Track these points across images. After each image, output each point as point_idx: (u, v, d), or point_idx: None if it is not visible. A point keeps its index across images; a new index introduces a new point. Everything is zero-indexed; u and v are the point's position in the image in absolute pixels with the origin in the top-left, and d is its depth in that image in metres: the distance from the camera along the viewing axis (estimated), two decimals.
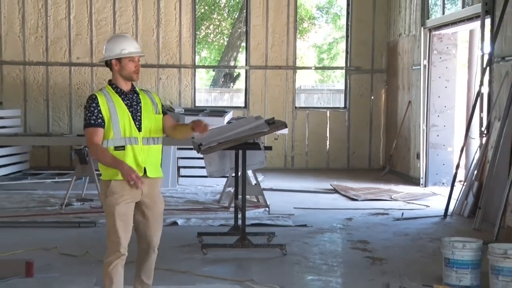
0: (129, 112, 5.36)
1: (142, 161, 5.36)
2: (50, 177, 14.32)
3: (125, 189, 5.30)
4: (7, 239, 8.81)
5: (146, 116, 5.43)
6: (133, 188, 5.21)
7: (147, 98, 5.52)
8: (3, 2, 16.17)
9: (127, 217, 5.37)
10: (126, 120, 5.33)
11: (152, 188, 5.46)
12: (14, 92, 16.33)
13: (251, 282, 6.91)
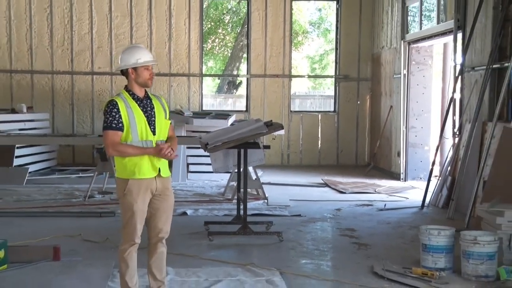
0: (145, 117, 5.34)
1: (157, 162, 5.34)
2: (74, 172, 14.40)
3: (141, 188, 5.31)
4: (37, 227, 8.88)
5: (159, 121, 5.41)
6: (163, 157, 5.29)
7: (158, 103, 5.48)
8: (33, 18, 16.19)
9: (143, 212, 5.37)
10: (143, 125, 5.31)
11: (164, 185, 5.45)
12: (43, 98, 16.34)
13: (252, 265, 6.94)
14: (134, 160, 5.27)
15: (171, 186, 5.58)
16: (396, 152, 14.56)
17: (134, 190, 5.29)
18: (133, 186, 5.29)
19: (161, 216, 5.46)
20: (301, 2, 18.45)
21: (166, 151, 5.23)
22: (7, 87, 16.30)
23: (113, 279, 6.40)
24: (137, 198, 5.30)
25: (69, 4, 16.26)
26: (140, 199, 5.32)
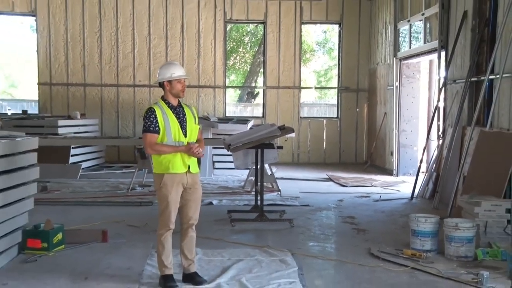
0: (178, 122, 5.42)
1: (187, 160, 5.42)
2: (119, 169, 14.46)
3: (175, 181, 5.38)
4: (88, 214, 8.96)
5: (190, 125, 5.49)
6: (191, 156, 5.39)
7: (189, 111, 5.57)
8: (86, 40, 16.28)
9: (176, 202, 5.44)
10: (176, 129, 5.40)
11: (194, 180, 5.51)
12: (94, 106, 16.43)
13: (267, 247, 6.96)
14: (168, 158, 5.35)
15: (199, 180, 5.63)
16: (390, 151, 14.53)
17: (169, 184, 5.37)
18: (168, 180, 5.37)
19: (191, 206, 5.53)
20: (309, 26, 18.45)
21: (195, 149, 5.35)
22: (64, 97, 16.42)
23: (151, 258, 6.43)
24: (171, 190, 5.37)
25: (115, 29, 16.36)
26: (174, 191, 5.39)
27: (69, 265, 6.08)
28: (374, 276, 5.96)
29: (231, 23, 17.44)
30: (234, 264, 6.13)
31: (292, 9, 16.68)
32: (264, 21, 16.77)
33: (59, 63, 16.37)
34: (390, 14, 14.76)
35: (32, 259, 6.28)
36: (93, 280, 5.59)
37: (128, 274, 5.79)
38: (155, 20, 16.42)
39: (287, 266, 6.19)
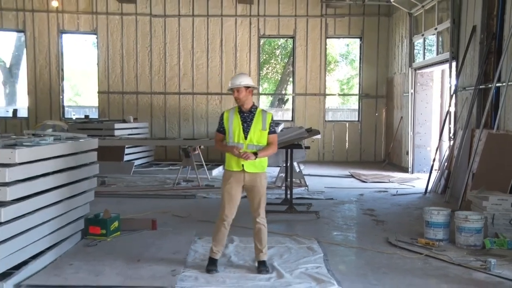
0: (242, 126, 5.41)
1: (242, 160, 5.36)
2: (166, 166, 14.56)
3: (230, 177, 5.47)
4: (140, 205, 9.06)
5: (253, 130, 5.41)
6: (239, 161, 5.35)
7: (260, 117, 5.45)
8: (138, 54, 16.49)
9: (230, 195, 5.46)
10: (237, 131, 5.40)
11: (252, 178, 5.45)
12: (145, 111, 16.62)
13: (296, 236, 6.97)
14: (228, 156, 5.46)
15: (261, 181, 5.49)
16: (405, 151, 14.38)
17: (225, 178, 5.51)
18: (226, 175, 5.51)
19: (253, 202, 5.55)
20: (333, 39, 18.37)
21: (235, 151, 5.31)
22: (119, 104, 16.66)
23: (194, 244, 6.49)
24: (226, 184, 5.46)
25: (163, 44, 16.53)
26: (228, 186, 5.44)
27: (124, 249, 6.16)
28: (391, 262, 5.92)
29: (264, 38, 17.45)
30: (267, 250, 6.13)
31: (318, 25, 16.62)
32: (293, 36, 16.75)
33: (115, 74, 16.62)
34: (406, 29, 14.61)
35: (93, 244, 6.38)
36: (144, 262, 5.65)
37: (175, 258, 5.83)
38: (197, 36, 16.54)
39: (314, 253, 6.18)
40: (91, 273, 5.28)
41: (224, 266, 5.63)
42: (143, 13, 16.46)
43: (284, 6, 16.57)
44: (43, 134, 6.81)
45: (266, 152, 5.46)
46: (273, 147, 5.54)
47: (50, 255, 5.65)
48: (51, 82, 16.57)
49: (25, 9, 16.31)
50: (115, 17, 16.47)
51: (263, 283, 5.14)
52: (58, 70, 16.58)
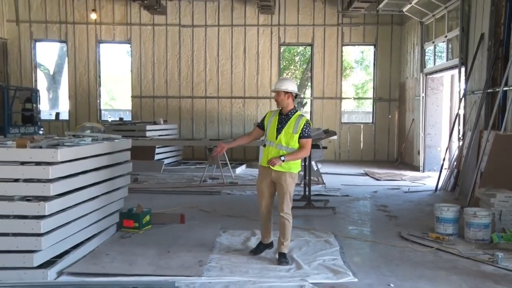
0: (277, 126, 5.46)
1: (269, 157, 5.43)
2: (193, 164, 14.65)
3: (261, 172, 5.60)
4: (169, 200, 9.10)
5: (285, 132, 5.43)
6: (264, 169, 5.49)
7: (293, 120, 5.45)
8: (168, 62, 16.60)
9: (259, 188, 5.62)
10: (272, 130, 5.47)
11: (277, 176, 5.47)
12: (174, 114, 16.72)
13: (314, 230, 6.96)
14: (261, 152, 5.66)
15: (286, 179, 5.47)
16: (417, 151, 14.23)
17: (259, 172, 5.65)
18: (259, 170, 5.66)
19: (278, 197, 5.57)
20: (348, 47, 18.25)
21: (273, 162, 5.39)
22: (151, 107, 16.80)
23: (219, 237, 6.50)
24: (258, 178, 5.63)
25: (191, 52, 16.62)
26: (259, 179, 5.60)
27: (155, 241, 6.20)
28: (403, 255, 5.87)
29: (284, 45, 17.43)
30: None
31: (334, 34, 16.54)
32: (311, 43, 16.69)
33: (147, 80, 16.77)
34: (417, 37, 14.46)
35: (127, 236, 6.45)
36: (173, 253, 5.69)
37: (201, 249, 5.86)
38: (222, 44, 16.59)
39: (331, 246, 6.16)
40: (125, 262, 5.33)
41: (247, 257, 5.64)
42: (173, 23, 16.57)
43: (303, 16, 16.53)
44: (82, 135, 6.89)
45: (293, 156, 5.40)
46: (304, 151, 5.48)
47: (89, 246, 5.73)
48: (90, 87, 16.78)
49: (67, 22, 16.56)
50: (147, 27, 16.61)
51: (283, 273, 5.14)
52: (96, 76, 16.79)
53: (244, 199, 9.50)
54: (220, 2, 16.46)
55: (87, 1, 16.43)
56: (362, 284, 4.86)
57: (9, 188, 4.80)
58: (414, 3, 12.84)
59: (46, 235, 4.82)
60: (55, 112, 18.63)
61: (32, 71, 16.82)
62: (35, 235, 4.75)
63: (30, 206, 4.77)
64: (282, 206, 5.52)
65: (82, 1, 16.47)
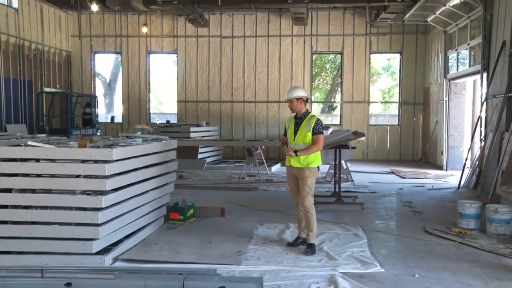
0: (294, 129, 5.58)
1: (290, 157, 5.58)
2: (233, 163, 14.72)
3: (288, 171, 5.70)
4: (211, 196, 9.16)
5: (300, 132, 5.55)
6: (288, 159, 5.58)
7: (306, 121, 5.56)
8: (210, 69, 16.75)
9: (289, 183, 5.79)
10: (291, 133, 5.60)
11: (298, 171, 5.58)
12: (215, 117, 16.84)
13: (343, 224, 6.90)
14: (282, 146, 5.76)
15: (305, 174, 5.54)
16: (440, 151, 13.91)
17: (286, 171, 5.75)
18: (286, 169, 5.73)
19: (300, 191, 5.62)
20: (376, 55, 17.96)
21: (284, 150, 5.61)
22: (194, 111, 16.98)
23: (256, 229, 6.52)
24: (287, 176, 5.76)
25: (231, 61, 16.72)
26: (287, 177, 5.75)
27: (198, 232, 6.26)
28: (428, 248, 5.75)
29: (316, 54, 17.31)
30: (318, 236, 6.07)
31: (363, 43, 16.33)
32: (341, 52, 16.53)
33: (191, 86, 16.96)
34: (441, 45, 14.15)
35: (173, 227, 6.53)
36: (215, 243, 5.74)
37: (240, 240, 5.89)
38: (259, 53, 16.61)
39: (359, 238, 6.10)
40: (172, 251, 5.41)
41: (282, 248, 5.63)
42: (215, 35, 16.70)
43: (333, 26, 16.39)
44: (134, 136, 7.02)
45: (306, 151, 5.51)
46: (315, 146, 5.53)
47: (140, 235, 5.83)
48: (140, 93, 17.10)
49: (121, 35, 16.93)
50: (192, 39, 16.80)
51: (315, 263, 5.11)
52: (146, 83, 17.09)
53: (279, 195, 9.50)
54: (257, 15, 16.50)
55: (139, 17, 16.75)
56: (388, 274, 4.79)
57: (72, 183, 4.94)
58: (438, 14, 12.57)
59: (103, 225, 4.94)
60: (110, 116, 19.08)
61: (91, 79, 17.27)
62: (93, 225, 4.88)
63: (89, 199, 4.90)
64: (303, 199, 5.57)
65: (135, 17, 16.80)
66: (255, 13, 16.37)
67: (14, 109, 13.71)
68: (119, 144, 5.69)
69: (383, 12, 14.23)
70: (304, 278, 4.61)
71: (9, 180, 4.91)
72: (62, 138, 6.90)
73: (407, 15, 13.51)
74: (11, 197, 4.92)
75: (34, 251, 4.88)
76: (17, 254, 4.90)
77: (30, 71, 14.51)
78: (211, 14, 16.48)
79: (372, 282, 4.58)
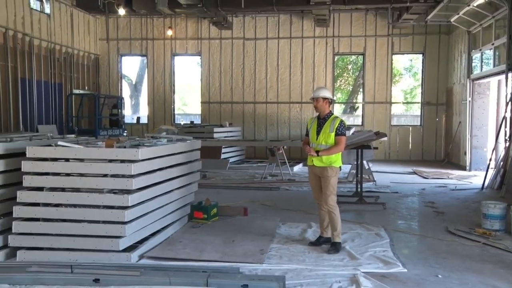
0: (317, 129, 5.55)
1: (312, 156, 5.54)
2: (255, 163, 14.73)
3: (310, 171, 5.69)
4: (234, 195, 9.17)
5: (323, 132, 5.52)
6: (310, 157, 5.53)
7: (329, 122, 5.52)
8: (233, 71, 16.80)
9: (311, 183, 5.77)
10: (313, 133, 5.56)
11: (320, 171, 5.55)
12: (238, 118, 16.88)
13: (365, 223, 6.83)
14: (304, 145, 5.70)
15: (327, 174, 5.50)
16: (463, 151, 13.64)
17: (308, 171, 5.72)
18: (308, 169, 5.70)
19: (323, 191, 5.59)
20: (398, 55, 17.72)
21: (306, 150, 5.55)
22: (218, 112, 17.06)
23: (278, 228, 6.50)
24: (308, 176, 5.74)
25: (253, 62, 16.74)
26: (309, 177, 5.73)
27: (221, 231, 6.28)
28: (450, 248, 5.64)
29: (338, 55, 17.19)
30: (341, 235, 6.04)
31: (385, 43, 16.15)
32: (363, 53, 16.38)
33: (215, 87, 17.04)
34: (464, 45, 13.87)
35: (197, 226, 6.57)
36: (238, 242, 5.75)
37: (263, 239, 5.88)
38: (282, 55, 16.59)
39: (381, 238, 6.03)
40: (196, 249, 5.44)
41: (305, 247, 5.61)
42: (238, 37, 16.75)
43: (355, 27, 16.25)
44: (159, 136, 7.09)
45: (327, 151, 5.47)
46: (338, 147, 5.49)
47: (164, 234, 5.89)
48: (165, 95, 17.27)
49: (147, 38, 17.14)
50: (215, 41, 16.89)
51: (337, 262, 5.07)
52: (171, 85, 17.25)
53: (301, 194, 9.46)
54: (280, 17, 16.48)
55: (164, 20, 16.92)
56: (411, 274, 4.72)
57: (100, 182, 5.02)
58: (462, 14, 12.32)
59: (129, 223, 5.00)
60: (136, 117, 19.33)
61: (118, 81, 17.53)
62: (120, 223, 4.94)
63: (116, 198, 4.97)
64: (326, 198, 5.53)
65: (160, 20, 16.97)
66: (277, 15, 16.35)
67: (45, 110, 14.02)
68: (145, 144, 5.75)
69: (405, 13, 14.04)
70: (326, 277, 4.57)
71: (40, 179, 5.01)
72: (90, 138, 7.01)
73: (430, 16, 13.29)
74: (43, 195, 5.03)
75: (64, 248, 4.97)
76: (48, 250, 5.00)
77: (60, 73, 14.82)
78: (234, 16, 16.53)
79: (395, 282, 4.52)
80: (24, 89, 13.06)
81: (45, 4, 14.09)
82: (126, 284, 4.18)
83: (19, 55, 12.90)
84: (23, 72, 13.09)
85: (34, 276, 4.32)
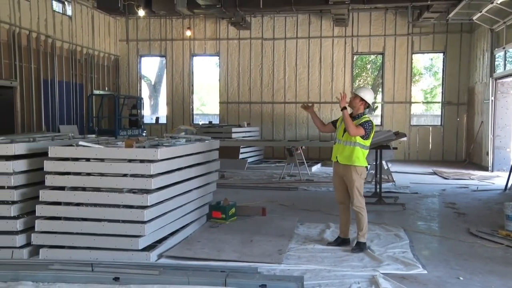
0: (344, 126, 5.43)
1: (337, 152, 5.50)
2: (273, 163, 14.71)
3: (334, 168, 5.59)
4: (252, 195, 9.17)
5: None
6: None
7: (357, 121, 5.45)
8: (252, 71, 16.82)
9: (334, 183, 5.68)
10: (340, 130, 5.51)
11: (345, 170, 5.45)
12: (256, 118, 16.90)
13: (385, 224, 6.76)
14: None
15: (352, 173, 5.40)
16: (486, 152, 13.40)
17: (333, 169, 5.64)
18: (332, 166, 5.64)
19: (349, 191, 5.51)
20: (418, 54, 17.50)
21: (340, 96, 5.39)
22: (236, 111, 17.10)
23: (297, 228, 6.48)
24: (333, 174, 5.64)
25: (271, 62, 16.73)
26: (333, 176, 5.64)
27: (239, 231, 6.28)
28: (472, 250, 5.54)
29: (357, 55, 17.05)
30: None
31: (405, 43, 15.97)
32: (382, 52, 16.22)
33: (233, 88, 17.08)
34: (487, 43, 13.62)
35: (215, 225, 6.58)
36: (256, 242, 5.74)
37: (281, 239, 5.86)
38: (300, 54, 16.54)
39: (401, 239, 5.96)
40: (214, 249, 5.45)
41: (323, 248, 5.58)
42: (256, 37, 16.76)
43: (375, 27, 16.10)
44: (178, 136, 7.12)
45: (349, 120, 5.30)
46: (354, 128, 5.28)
47: (183, 233, 5.91)
48: (184, 95, 17.38)
49: (166, 39, 17.28)
50: (233, 41, 16.93)
51: (356, 263, 5.03)
52: (189, 85, 17.35)
53: (319, 194, 9.41)
54: (298, 17, 16.43)
55: (183, 21, 17.03)
56: (431, 276, 4.65)
57: (119, 181, 5.07)
58: (485, 11, 12.10)
59: (148, 223, 5.03)
60: (155, 117, 19.50)
61: (138, 82, 17.71)
62: (139, 222, 4.98)
63: (135, 198, 5.01)
64: (353, 200, 5.48)
65: (179, 21, 17.09)
66: (296, 15, 16.31)
67: (66, 110, 14.25)
68: (164, 144, 5.77)
69: (426, 11, 13.85)
70: (345, 278, 4.54)
71: (62, 178, 5.09)
72: (110, 138, 7.08)
73: (451, 14, 13.09)
74: (64, 195, 5.10)
75: (85, 246, 5.04)
76: (69, 249, 5.07)
77: (81, 74, 15.04)
78: (252, 16, 16.54)
79: (415, 283, 4.46)
80: (46, 90, 13.30)
81: (67, 6, 14.33)
82: (145, 283, 4.21)
83: (42, 57, 13.15)
84: (46, 73, 13.34)
85: (56, 274, 4.39)
